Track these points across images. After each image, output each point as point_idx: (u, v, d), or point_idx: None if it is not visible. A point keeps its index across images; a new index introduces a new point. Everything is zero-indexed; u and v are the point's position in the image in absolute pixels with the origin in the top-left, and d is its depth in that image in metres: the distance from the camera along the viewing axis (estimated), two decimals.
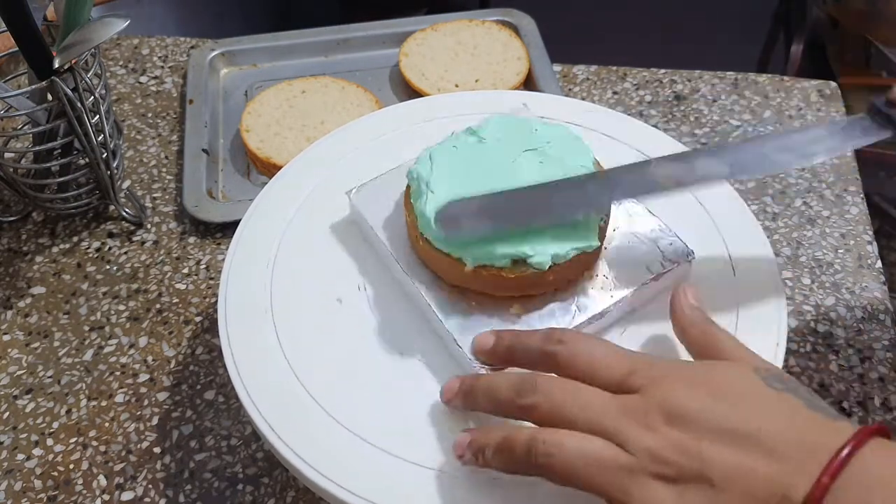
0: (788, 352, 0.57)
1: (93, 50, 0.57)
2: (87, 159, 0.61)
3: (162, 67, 0.80)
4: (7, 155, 0.66)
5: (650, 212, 0.50)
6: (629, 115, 0.63)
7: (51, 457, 0.53)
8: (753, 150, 0.45)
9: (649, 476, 0.34)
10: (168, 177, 0.70)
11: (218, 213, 0.65)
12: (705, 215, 0.52)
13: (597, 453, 0.35)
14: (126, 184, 0.68)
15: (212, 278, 0.62)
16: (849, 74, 0.86)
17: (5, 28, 0.53)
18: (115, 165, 0.62)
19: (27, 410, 0.56)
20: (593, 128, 0.57)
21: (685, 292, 0.42)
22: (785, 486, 0.32)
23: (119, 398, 0.56)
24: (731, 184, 0.54)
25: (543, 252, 0.44)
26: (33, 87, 0.56)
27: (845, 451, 0.32)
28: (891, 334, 0.58)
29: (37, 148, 0.61)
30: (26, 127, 0.63)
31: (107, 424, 0.55)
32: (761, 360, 0.38)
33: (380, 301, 0.49)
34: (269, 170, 0.68)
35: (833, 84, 0.75)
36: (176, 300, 0.61)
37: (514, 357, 0.41)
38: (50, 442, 0.54)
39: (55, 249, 0.65)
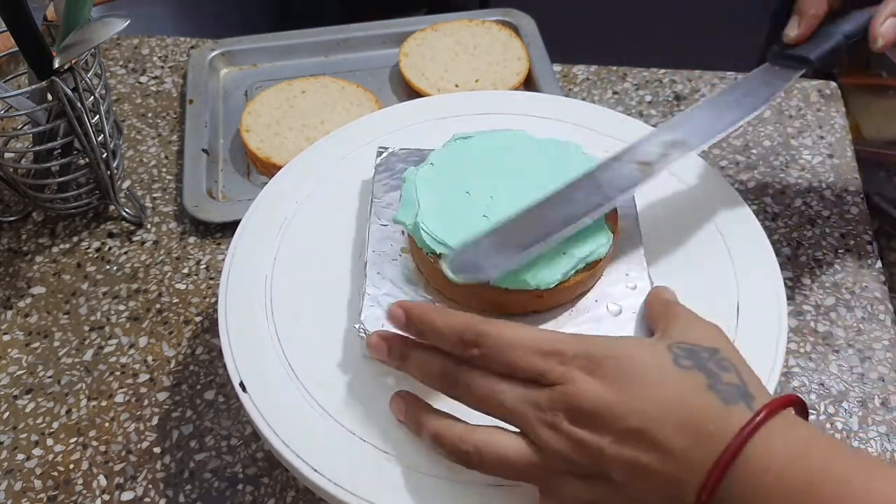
0: (788, 352, 0.57)
1: (93, 50, 0.57)
2: (87, 159, 0.61)
3: (162, 67, 0.80)
4: (7, 155, 0.66)
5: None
6: (629, 115, 0.63)
7: (51, 457, 0.53)
8: (701, 118, 0.50)
9: (563, 473, 0.36)
10: (168, 177, 0.70)
11: (218, 213, 0.65)
12: (705, 216, 0.52)
13: (515, 455, 0.37)
14: (126, 184, 0.68)
15: (212, 278, 0.62)
16: (849, 74, 0.86)
17: (5, 28, 0.53)
18: (115, 165, 0.62)
19: (27, 410, 0.56)
20: (593, 128, 0.57)
21: (661, 290, 0.45)
22: (678, 483, 0.33)
23: (119, 398, 0.56)
24: (731, 184, 0.54)
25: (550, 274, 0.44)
26: (33, 87, 0.56)
27: (734, 445, 0.32)
28: (891, 334, 0.58)
29: (37, 148, 0.61)
30: (26, 127, 0.63)
31: (107, 424, 0.55)
32: (693, 329, 0.40)
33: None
34: (269, 170, 0.68)
35: (833, 84, 0.76)
36: (176, 300, 0.61)
37: (428, 340, 0.40)
38: (50, 442, 0.54)
39: (55, 249, 0.65)
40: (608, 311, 0.46)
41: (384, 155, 0.53)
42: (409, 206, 0.47)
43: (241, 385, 0.45)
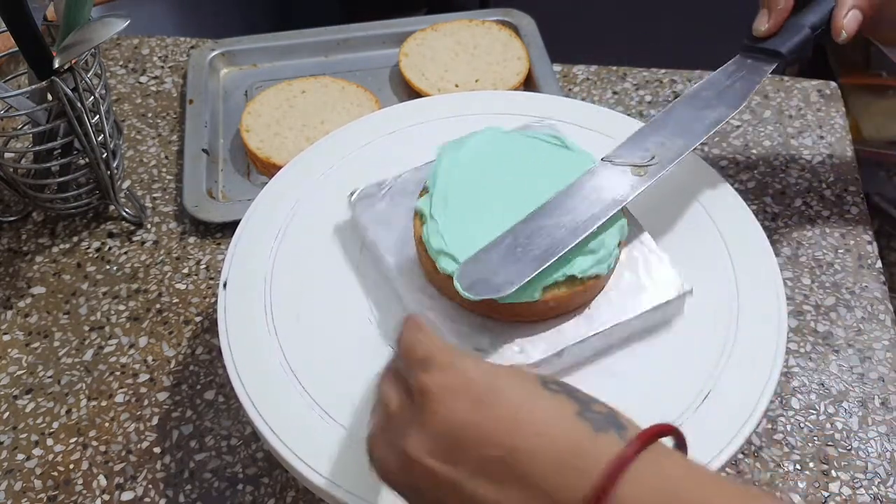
0: (788, 352, 0.57)
1: (93, 50, 0.57)
2: (87, 159, 0.61)
3: (162, 67, 0.80)
4: (7, 155, 0.66)
5: (653, 248, 0.48)
6: (629, 115, 0.63)
7: (51, 457, 0.53)
8: (684, 116, 0.50)
9: (426, 498, 0.33)
10: (168, 177, 0.70)
11: (218, 213, 0.65)
12: (705, 216, 0.52)
13: (389, 468, 0.34)
14: (126, 184, 0.68)
15: (212, 278, 0.62)
16: (849, 74, 0.86)
17: (5, 28, 0.53)
18: (115, 165, 0.62)
19: (27, 410, 0.56)
20: (593, 128, 0.57)
21: None
22: None
23: (119, 398, 0.56)
24: (731, 184, 0.54)
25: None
26: (33, 87, 0.56)
27: (606, 481, 0.29)
28: (891, 334, 0.58)
29: (37, 148, 0.61)
30: (26, 127, 0.63)
31: (107, 424, 0.55)
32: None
33: (380, 301, 0.49)
34: (269, 170, 0.68)
35: (833, 84, 0.75)
36: (176, 300, 0.61)
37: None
38: (50, 442, 0.54)
39: (55, 249, 0.65)
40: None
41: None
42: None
43: (224, 284, 0.49)
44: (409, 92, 0.75)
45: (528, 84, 0.75)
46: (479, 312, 0.46)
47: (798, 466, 0.52)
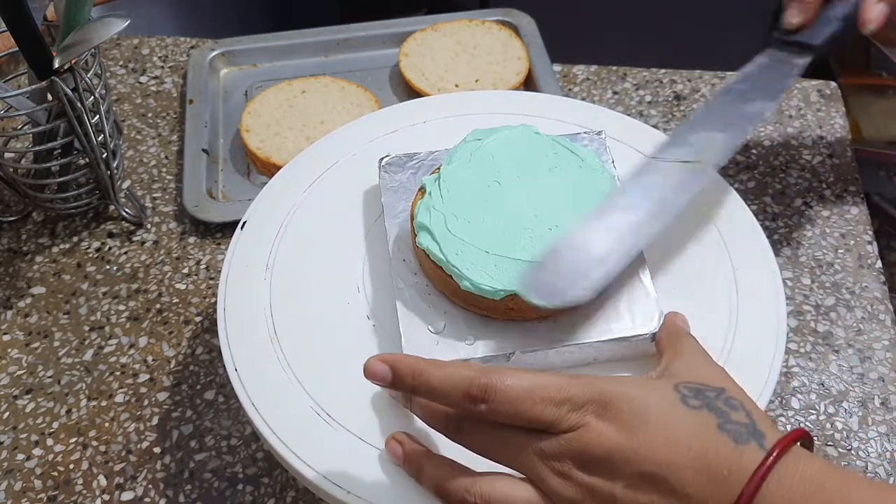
0: (788, 352, 0.57)
1: (93, 50, 0.57)
2: (87, 159, 0.61)
3: (162, 67, 0.80)
4: (7, 155, 0.66)
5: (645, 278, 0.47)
6: (629, 115, 0.63)
7: (51, 457, 0.53)
8: (722, 116, 0.49)
9: None
10: (168, 177, 0.70)
11: (218, 213, 0.65)
12: (705, 216, 0.52)
13: (556, 488, 0.36)
14: (126, 184, 0.68)
15: (212, 278, 0.62)
16: (849, 74, 0.86)
17: (5, 28, 0.53)
18: (115, 165, 0.62)
19: (27, 410, 0.56)
20: (593, 128, 0.57)
21: (676, 316, 0.45)
22: None
23: (119, 398, 0.56)
24: (731, 184, 0.54)
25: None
26: (33, 87, 0.56)
27: (749, 489, 0.32)
28: (891, 334, 0.58)
29: (37, 148, 0.61)
30: (26, 127, 0.63)
31: (107, 424, 0.55)
32: (698, 368, 0.39)
33: (378, 301, 0.49)
34: (269, 170, 0.68)
35: (833, 84, 0.76)
36: (176, 300, 0.61)
37: (425, 397, 0.39)
38: (50, 442, 0.54)
39: (55, 249, 0.65)
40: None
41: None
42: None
43: (242, 224, 0.51)
44: (409, 92, 0.75)
45: (528, 84, 0.75)
46: (445, 295, 0.46)
47: None
